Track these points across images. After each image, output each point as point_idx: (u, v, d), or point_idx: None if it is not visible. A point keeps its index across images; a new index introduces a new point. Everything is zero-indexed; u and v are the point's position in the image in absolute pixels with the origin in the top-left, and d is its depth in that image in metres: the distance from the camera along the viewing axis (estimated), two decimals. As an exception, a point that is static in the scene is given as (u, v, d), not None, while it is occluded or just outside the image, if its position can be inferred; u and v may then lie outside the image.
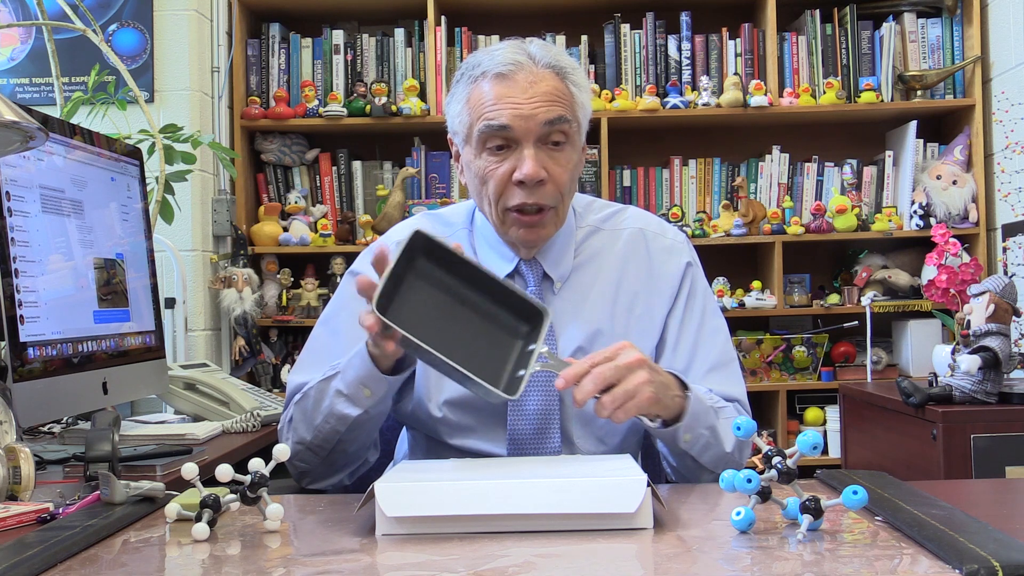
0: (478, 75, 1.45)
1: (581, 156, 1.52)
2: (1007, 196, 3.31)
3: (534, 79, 1.43)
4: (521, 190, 1.43)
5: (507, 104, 1.42)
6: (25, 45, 3.32)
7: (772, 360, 3.48)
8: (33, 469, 1.25)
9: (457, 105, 1.48)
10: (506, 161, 1.43)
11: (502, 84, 1.43)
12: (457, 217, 1.60)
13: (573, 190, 1.50)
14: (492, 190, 1.45)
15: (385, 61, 3.60)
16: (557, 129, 1.43)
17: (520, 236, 1.47)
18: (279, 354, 3.56)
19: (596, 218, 1.59)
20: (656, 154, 3.69)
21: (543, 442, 1.46)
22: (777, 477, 1.00)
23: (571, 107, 1.46)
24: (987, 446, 2.20)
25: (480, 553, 0.94)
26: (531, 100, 1.42)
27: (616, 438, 1.51)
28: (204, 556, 0.97)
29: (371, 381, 1.34)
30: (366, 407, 1.36)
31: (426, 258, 1.26)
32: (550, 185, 1.44)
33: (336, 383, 1.38)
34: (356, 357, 1.35)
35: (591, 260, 1.55)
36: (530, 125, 1.41)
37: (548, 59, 1.45)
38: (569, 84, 1.47)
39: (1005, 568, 0.81)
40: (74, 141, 1.69)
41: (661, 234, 1.59)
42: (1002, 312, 2.24)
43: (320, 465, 1.45)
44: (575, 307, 1.51)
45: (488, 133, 1.43)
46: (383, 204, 3.54)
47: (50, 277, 1.55)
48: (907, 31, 3.57)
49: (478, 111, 1.44)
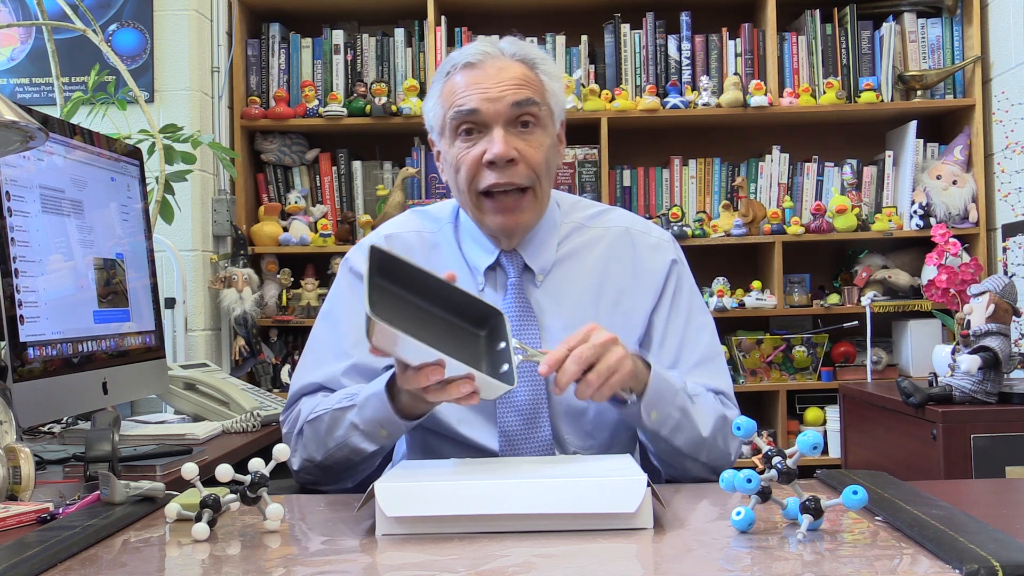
0: (450, 69, 1.50)
1: (556, 144, 1.53)
2: (1007, 196, 3.31)
3: (502, 66, 1.47)
4: (492, 171, 1.45)
5: (476, 89, 1.45)
6: (25, 45, 3.32)
7: (772, 360, 3.48)
8: (33, 469, 1.25)
9: (432, 101, 1.52)
10: (477, 144, 1.46)
11: (471, 72, 1.47)
12: (442, 213, 1.62)
13: (549, 174, 1.51)
14: (464, 175, 1.47)
15: (385, 61, 3.60)
16: (526, 111, 1.46)
17: (498, 223, 1.48)
18: (279, 354, 3.56)
19: (582, 216, 1.60)
20: (656, 154, 3.69)
21: (533, 436, 1.47)
22: (777, 477, 1.00)
23: (540, 92, 1.49)
24: (987, 446, 2.20)
25: (480, 553, 0.94)
26: (499, 84, 1.45)
27: (605, 432, 1.52)
28: (204, 556, 0.97)
29: (389, 424, 1.35)
30: (382, 444, 1.38)
31: (381, 274, 1.25)
32: (522, 165, 1.45)
33: (352, 416, 1.38)
34: (374, 397, 1.35)
35: (575, 255, 1.56)
36: (499, 107, 1.44)
37: (516, 50, 1.50)
38: (539, 73, 1.50)
39: (1005, 568, 0.81)
40: (74, 141, 1.69)
41: (646, 232, 1.60)
42: (1002, 312, 2.24)
43: (328, 479, 1.48)
44: (558, 301, 1.52)
45: (459, 119, 1.46)
46: (383, 204, 3.54)
47: (50, 277, 1.55)
48: (907, 31, 3.57)
49: (450, 100, 1.48)
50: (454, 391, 1.19)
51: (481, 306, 1.29)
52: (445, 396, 1.21)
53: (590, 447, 1.51)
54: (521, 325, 1.49)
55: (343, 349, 1.50)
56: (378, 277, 1.22)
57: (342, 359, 1.49)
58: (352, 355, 1.49)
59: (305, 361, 1.55)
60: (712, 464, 1.46)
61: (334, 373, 1.49)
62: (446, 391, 1.20)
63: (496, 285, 1.53)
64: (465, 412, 1.49)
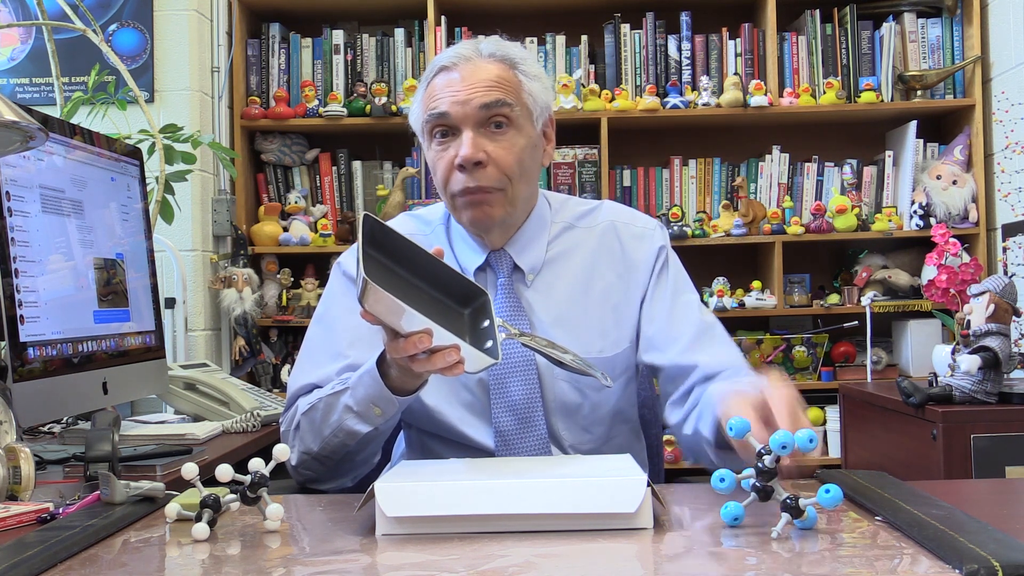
0: (429, 74, 1.52)
1: (537, 144, 1.53)
2: (1007, 196, 3.31)
3: (476, 68, 1.48)
4: (462, 174, 1.46)
5: (448, 92, 1.47)
6: (25, 45, 3.32)
7: (772, 360, 3.48)
8: (33, 469, 1.25)
9: (415, 104, 1.54)
10: (450, 147, 1.47)
11: (446, 75, 1.49)
12: (434, 215, 1.63)
13: (525, 175, 1.50)
14: (440, 177, 1.49)
15: (385, 61, 3.60)
16: (496, 113, 1.46)
17: (469, 217, 1.49)
18: (279, 354, 3.56)
19: (571, 215, 1.61)
20: (656, 154, 3.70)
21: (528, 434, 1.47)
22: (756, 476, 1.01)
23: (516, 93, 1.49)
24: (987, 446, 2.19)
25: (480, 553, 0.94)
26: (470, 87, 1.46)
27: (601, 427, 1.52)
28: (204, 556, 0.97)
29: (382, 401, 1.35)
30: (376, 424, 1.37)
31: (372, 244, 1.25)
32: (491, 168, 1.46)
33: (346, 399, 1.38)
34: (366, 375, 1.35)
35: (564, 255, 1.56)
36: (467, 110, 1.45)
37: (495, 50, 1.50)
38: (518, 73, 1.50)
39: (1005, 568, 0.81)
40: (74, 141, 1.69)
41: (632, 222, 1.60)
42: (1002, 312, 2.23)
43: (326, 473, 1.47)
44: (548, 301, 1.52)
45: (432, 122, 1.48)
46: (383, 204, 3.54)
47: (50, 277, 1.55)
48: (907, 31, 3.57)
49: (427, 104, 1.49)
50: (440, 360, 1.19)
51: (466, 284, 1.30)
52: (430, 366, 1.20)
53: (587, 442, 1.51)
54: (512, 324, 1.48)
55: (338, 350, 1.50)
56: (369, 247, 1.23)
57: (337, 360, 1.49)
58: (347, 356, 1.49)
59: (301, 363, 1.55)
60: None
61: (329, 374, 1.49)
62: (432, 361, 1.20)
63: (487, 285, 1.53)
64: (463, 412, 1.49)
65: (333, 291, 1.58)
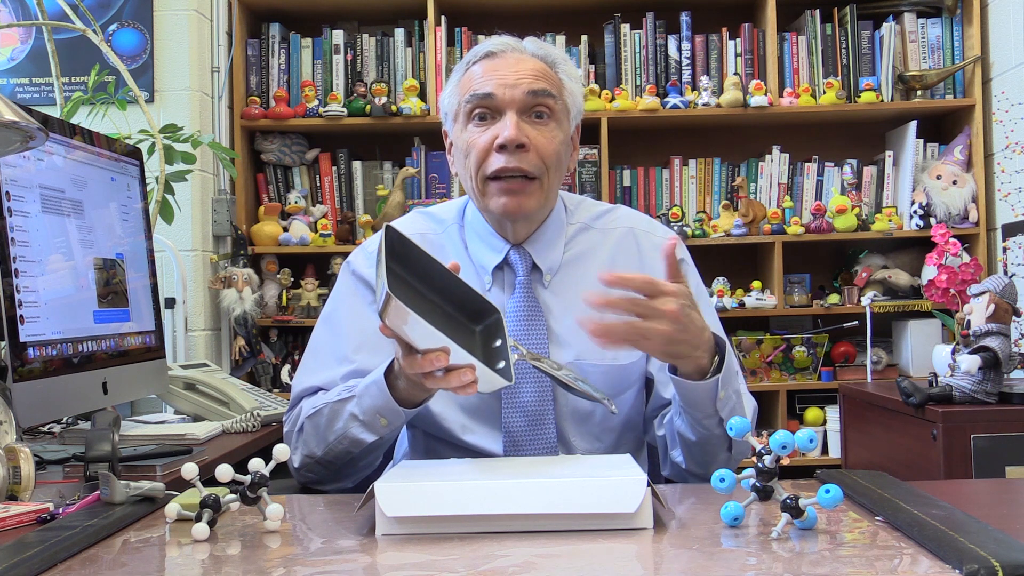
0: (470, 60, 1.51)
1: (569, 141, 1.53)
2: (1007, 196, 3.31)
3: (522, 58, 1.49)
4: (501, 155, 1.45)
5: (493, 75, 1.47)
6: (25, 45, 3.32)
7: (772, 360, 3.48)
8: (33, 469, 1.25)
9: (448, 89, 1.54)
10: (489, 129, 1.46)
11: (491, 60, 1.49)
12: (448, 214, 1.61)
13: (559, 169, 1.50)
14: (474, 159, 1.47)
15: (385, 61, 3.60)
16: (541, 102, 1.46)
17: (501, 205, 1.46)
18: (279, 354, 3.56)
19: (587, 216, 1.59)
20: (656, 154, 3.70)
21: (537, 437, 1.46)
22: (756, 475, 1.01)
23: (558, 88, 1.49)
24: (987, 446, 2.19)
25: (480, 553, 0.94)
26: (517, 73, 1.46)
27: (611, 435, 1.51)
28: (204, 556, 0.97)
29: (388, 412, 1.34)
30: (381, 434, 1.37)
31: (391, 255, 1.24)
32: (532, 153, 1.45)
33: (351, 407, 1.38)
34: (373, 386, 1.35)
35: (581, 257, 1.55)
36: (514, 94, 1.45)
37: (537, 49, 1.51)
38: (559, 72, 1.51)
39: (1005, 568, 0.81)
40: (74, 141, 1.69)
41: (651, 232, 1.59)
42: (1002, 312, 2.23)
43: (328, 476, 1.47)
44: (566, 302, 1.51)
45: (473, 102, 1.47)
46: (383, 204, 3.54)
47: (50, 277, 1.55)
48: (907, 31, 3.57)
49: (466, 87, 1.49)
50: (455, 379, 1.17)
51: (479, 301, 1.29)
52: (444, 384, 1.19)
53: (596, 450, 1.50)
54: (529, 324, 1.47)
55: (344, 354, 1.50)
56: (390, 259, 1.22)
57: (343, 364, 1.49)
58: (353, 360, 1.48)
59: (306, 363, 1.55)
60: (738, 456, 1.42)
61: (334, 377, 1.48)
62: (446, 379, 1.18)
63: (503, 284, 1.52)
64: (469, 418, 1.48)
65: (341, 291, 1.57)
